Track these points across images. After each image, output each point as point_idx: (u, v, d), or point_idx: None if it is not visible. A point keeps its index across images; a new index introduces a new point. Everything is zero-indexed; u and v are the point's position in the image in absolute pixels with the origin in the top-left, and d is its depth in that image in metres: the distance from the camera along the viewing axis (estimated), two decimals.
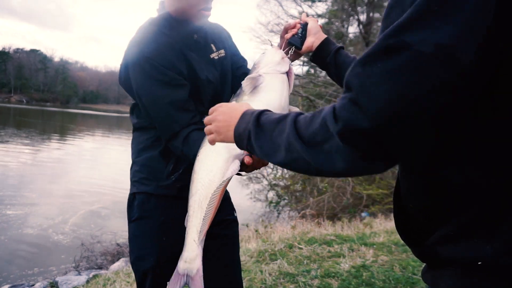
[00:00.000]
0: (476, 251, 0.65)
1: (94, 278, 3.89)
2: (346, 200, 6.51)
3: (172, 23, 1.31)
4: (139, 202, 1.38)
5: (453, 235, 0.69)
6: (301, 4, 13.81)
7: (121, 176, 11.11)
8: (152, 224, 1.36)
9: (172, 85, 1.24)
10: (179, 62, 1.27)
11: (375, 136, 0.59)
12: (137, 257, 1.39)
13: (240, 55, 1.54)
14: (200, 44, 1.36)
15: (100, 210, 8.13)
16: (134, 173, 1.41)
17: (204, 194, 1.12)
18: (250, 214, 7.77)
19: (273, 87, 1.15)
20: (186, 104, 1.26)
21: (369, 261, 3.10)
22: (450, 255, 0.69)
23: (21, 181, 10.05)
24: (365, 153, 0.61)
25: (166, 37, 1.27)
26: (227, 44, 1.48)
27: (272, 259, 3.19)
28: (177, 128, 1.25)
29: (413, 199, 0.76)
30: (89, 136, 24.86)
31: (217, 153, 1.11)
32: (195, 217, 1.13)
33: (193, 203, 1.14)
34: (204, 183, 1.12)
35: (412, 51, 0.55)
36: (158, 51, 1.23)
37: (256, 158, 1.10)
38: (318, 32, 1.29)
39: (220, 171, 1.10)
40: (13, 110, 48.65)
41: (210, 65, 1.36)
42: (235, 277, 1.48)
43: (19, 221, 7.13)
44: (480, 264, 0.64)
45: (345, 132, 0.61)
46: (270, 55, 1.22)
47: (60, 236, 6.62)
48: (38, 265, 5.45)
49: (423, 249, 0.75)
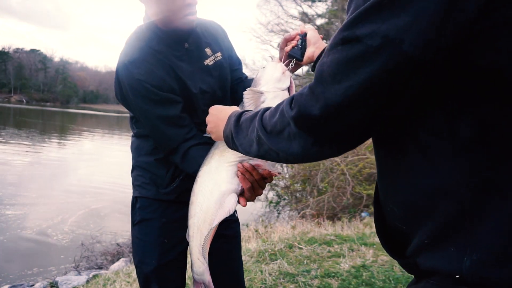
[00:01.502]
0: (453, 263, 0.62)
1: (94, 278, 3.89)
2: (346, 200, 6.50)
3: (159, 36, 1.27)
4: (141, 206, 1.40)
5: (428, 243, 0.66)
6: (301, 4, 13.82)
7: (121, 176, 11.11)
8: (153, 226, 1.38)
9: (164, 103, 1.24)
10: (170, 78, 1.25)
11: (323, 123, 0.63)
12: (140, 260, 1.40)
13: (235, 56, 1.50)
14: (193, 52, 1.32)
15: (100, 210, 8.12)
16: (136, 177, 1.43)
17: (202, 218, 1.14)
18: (250, 214, 7.76)
19: None
20: (180, 120, 1.26)
21: (369, 261, 3.10)
22: (429, 266, 0.67)
23: (21, 181, 10.05)
24: (316, 138, 0.65)
25: (155, 53, 1.25)
26: (224, 45, 1.43)
27: (272, 259, 3.19)
28: (173, 144, 1.26)
29: (389, 201, 0.74)
30: (89, 136, 24.85)
31: (215, 183, 1.13)
32: (195, 238, 1.17)
33: (192, 225, 1.17)
34: (202, 207, 1.15)
35: (361, 43, 0.57)
36: (148, 71, 1.22)
37: (250, 195, 1.13)
38: (318, 41, 1.26)
39: (217, 203, 1.13)
40: (13, 110, 48.65)
41: (204, 73, 1.33)
42: (237, 277, 1.49)
43: (18, 221, 7.13)
44: (458, 277, 0.62)
45: (298, 117, 0.66)
46: (271, 71, 1.20)
47: (60, 236, 6.61)
48: (37, 265, 5.44)
49: (405, 260, 0.73)
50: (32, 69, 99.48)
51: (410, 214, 0.69)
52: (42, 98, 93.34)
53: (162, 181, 1.36)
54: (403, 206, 0.70)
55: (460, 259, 0.62)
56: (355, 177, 6.63)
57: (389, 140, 0.70)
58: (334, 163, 6.83)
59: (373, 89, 0.58)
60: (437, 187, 0.63)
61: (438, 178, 0.62)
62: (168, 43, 1.27)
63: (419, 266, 0.69)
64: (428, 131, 0.62)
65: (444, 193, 0.62)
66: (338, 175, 6.69)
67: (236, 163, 1.12)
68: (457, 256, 0.62)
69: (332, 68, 0.61)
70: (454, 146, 0.60)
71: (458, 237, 0.62)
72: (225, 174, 1.12)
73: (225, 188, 1.13)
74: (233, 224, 1.49)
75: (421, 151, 0.64)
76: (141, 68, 1.21)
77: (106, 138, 24.82)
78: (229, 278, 1.47)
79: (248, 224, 5.82)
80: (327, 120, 0.62)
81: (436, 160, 0.62)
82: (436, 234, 0.65)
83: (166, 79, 1.24)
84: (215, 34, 1.41)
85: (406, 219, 0.70)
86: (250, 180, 1.11)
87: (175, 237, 1.38)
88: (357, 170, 6.63)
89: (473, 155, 0.59)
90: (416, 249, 0.69)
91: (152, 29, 1.28)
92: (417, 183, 0.66)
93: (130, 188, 1.47)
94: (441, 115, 0.60)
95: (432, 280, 0.67)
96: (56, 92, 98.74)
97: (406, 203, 0.69)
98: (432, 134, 0.62)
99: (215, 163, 1.15)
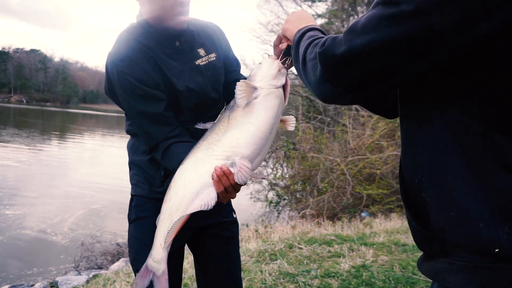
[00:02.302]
0: (488, 237, 0.65)
1: (94, 278, 3.89)
2: (346, 200, 6.50)
3: (149, 31, 1.27)
4: (136, 204, 1.42)
5: (454, 215, 0.69)
6: (301, 4, 13.81)
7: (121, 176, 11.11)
8: (147, 224, 1.38)
9: (146, 98, 1.23)
10: (155, 73, 1.25)
11: (341, 64, 0.71)
12: (134, 258, 1.41)
13: (233, 57, 1.48)
14: (184, 50, 1.31)
15: (100, 210, 8.12)
16: (132, 176, 1.45)
17: (176, 205, 1.12)
18: (250, 214, 7.76)
19: (268, 105, 1.14)
20: (162, 118, 1.25)
21: (369, 261, 3.10)
22: (459, 241, 0.69)
23: (21, 181, 10.05)
24: (330, 75, 0.73)
25: (142, 48, 1.24)
26: (220, 46, 1.42)
27: (272, 259, 3.19)
28: (153, 141, 1.26)
29: (418, 172, 0.77)
30: (89, 136, 24.84)
31: (197, 173, 1.11)
32: (164, 223, 1.14)
33: (165, 210, 1.15)
34: (178, 194, 1.13)
35: (397, 7, 0.64)
36: (132, 64, 1.22)
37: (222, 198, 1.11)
38: None
39: (194, 190, 1.11)
40: (13, 110, 48.64)
41: (195, 72, 1.32)
42: (235, 277, 1.49)
43: (17, 221, 7.13)
44: (497, 251, 0.64)
45: (322, 53, 0.74)
46: (266, 68, 1.19)
47: (59, 236, 6.61)
48: (37, 265, 5.44)
49: (430, 234, 0.75)
50: (32, 69, 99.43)
51: (439, 186, 0.72)
52: (42, 98, 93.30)
53: (154, 180, 1.37)
54: (430, 178, 0.74)
55: (494, 233, 0.65)
56: (355, 177, 6.63)
57: (418, 114, 0.76)
58: (334, 163, 6.83)
59: (392, 48, 0.65)
60: (464, 163, 0.68)
61: (465, 154, 0.68)
62: (158, 40, 1.28)
63: (446, 242, 0.72)
64: (459, 109, 0.68)
65: (470, 170, 0.67)
66: (338, 175, 6.69)
67: (222, 158, 1.10)
68: (489, 230, 0.65)
69: (366, 21, 0.68)
70: (483, 127, 0.66)
71: (485, 212, 0.65)
72: (208, 167, 1.10)
73: (207, 180, 1.10)
74: (231, 225, 1.49)
75: (450, 129, 0.69)
76: (125, 60, 1.22)
77: (106, 138, 24.82)
78: (227, 278, 1.47)
79: (248, 224, 5.81)
80: (345, 62, 0.70)
81: (464, 138, 0.68)
82: (463, 207, 0.68)
83: (151, 74, 1.24)
84: (211, 35, 1.41)
85: (437, 191, 0.73)
86: (225, 184, 1.09)
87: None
88: (357, 170, 6.62)
89: (500, 137, 0.65)
90: (443, 224, 0.72)
91: (142, 25, 1.29)
92: (445, 158, 0.70)
93: (129, 188, 1.47)
94: (474, 96, 0.66)
95: (457, 259, 0.70)
96: (56, 92, 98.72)
97: (434, 176, 0.73)
98: (463, 113, 0.68)
99: (201, 154, 1.13)
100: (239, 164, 1.08)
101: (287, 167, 8.57)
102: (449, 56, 0.64)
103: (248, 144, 1.10)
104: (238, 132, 1.11)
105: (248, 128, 1.10)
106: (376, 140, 6.85)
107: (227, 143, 1.11)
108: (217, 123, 1.16)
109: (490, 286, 0.66)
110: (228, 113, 1.15)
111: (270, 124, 1.13)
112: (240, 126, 1.11)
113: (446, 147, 0.70)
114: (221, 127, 1.13)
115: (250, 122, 1.11)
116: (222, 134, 1.12)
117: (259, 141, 1.11)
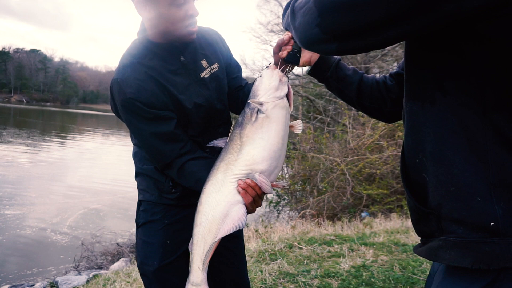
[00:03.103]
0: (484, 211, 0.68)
1: (94, 278, 3.89)
2: (346, 200, 6.50)
3: (153, 50, 1.26)
4: (144, 209, 1.43)
5: (453, 191, 0.72)
6: None
7: (120, 176, 11.11)
8: (156, 228, 1.40)
9: (157, 120, 1.23)
10: (163, 94, 1.24)
11: (334, 9, 0.70)
12: (142, 261, 1.41)
13: (234, 62, 1.47)
14: (188, 65, 1.30)
15: (100, 210, 8.12)
16: (140, 182, 1.45)
17: (207, 228, 1.16)
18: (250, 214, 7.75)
19: (276, 117, 1.16)
20: (174, 135, 1.26)
21: (369, 261, 3.10)
22: (455, 216, 0.72)
23: (20, 181, 10.05)
24: (321, 19, 0.73)
25: (147, 70, 1.23)
26: (221, 54, 1.41)
27: (272, 259, 3.19)
28: (167, 160, 1.27)
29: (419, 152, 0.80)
30: (89, 136, 24.84)
31: (221, 194, 1.16)
32: (198, 246, 1.17)
33: (197, 233, 1.18)
34: (208, 217, 1.16)
35: None
36: (140, 89, 1.21)
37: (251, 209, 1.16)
38: None
39: (223, 211, 1.15)
40: (13, 110, 48.64)
41: (200, 86, 1.32)
42: (242, 273, 1.52)
43: (17, 221, 7.13)
44: (493, 225, 0.67)
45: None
46: (267, 80, 1.19)
47: (59, 236, 6.61)
48: (37, 265, 5.44)
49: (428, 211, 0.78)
50: (32, 69, 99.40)
51: (440, 163, 0.75)
52: (42, 98, 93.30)
53: (163, 186, 1.38)
54: (431, 157, 0.76)
55: (490, 208, 0.68)
56: (355, 177, 6.62)
57: (422, 95, 0.78)
58: (334, 163, 6.83)
59: (385, 2, 0.65)
60: (465, 141, 0.71)
61: (466, 133, 0.70)
62: (162, 57, 1.26)
63: (442, 218, 0.75)
64: (461, 90, 0.70)
65: (470, 147, 0.70)
66: (338, 175, 6.69)
67: (241, 177, 1.14)
68: (485, 205, 0.68)
69: None
70: (484, 107, 0.68)
71: (483, 187, 0.68)
72: (231, 186, 1.15)
73: (233, 199, 1.15)
74: None
75: (452, 108, 0.72)
76: (133, 86, 1.21)
77: (106, 138, 24.82)
78: (235, 276, 1.50)
79: (248, 224, 5.81)
80: (340, 7, 0.69)
81: (465, 117, 0.70)
82: (462, 182, 0.71)
83: (159, 96, 1.23)
84: (212, 44, 1.39)
85: (437, 168, 0.75)
86: (252, 195, 1.14)
87: (177, 238, 1.40)
88: (357, 170, 6.62)
89: (499, 116, 0.68)
90: (440, 200, 0.75)
91: (145, 45, 1.26)
92: (447, 136, 0.73)
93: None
94: (474, 77, 0.68)
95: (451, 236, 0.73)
96: (56, 92, 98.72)
97: (436, 154, 0.75)
98: (465, 94, 0.70)
99: (221, 175, 1.16)
100: (259, 180, 1.13)
101: (287, 167, 8.56)
102: (437, 24, 0.65)
103: (264, 159, 1.14)
104: (252, 149, 1.14)
105: (260, 144, 1.14)
106: (376, 140, 6.85)
107: (244, 161, 1.14)
108: (229, 142, 1.19)
109: (483, 260, 0.68)
110: (239, 131, 1.17)
111: (281, 135, 1.16)
112: (253, 143, 1.14)
113: (448, 126, 0.73)
114: (234, 147, 1.17)
115: (261, 138, 1.14)
116: (237, 154, 1.16)
117: (273, 154, 1.15)
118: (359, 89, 1.20)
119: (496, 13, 0.63)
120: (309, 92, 11.80)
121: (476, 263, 0.69)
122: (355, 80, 1.20)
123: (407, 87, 0.84)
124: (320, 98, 11.77)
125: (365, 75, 1.23)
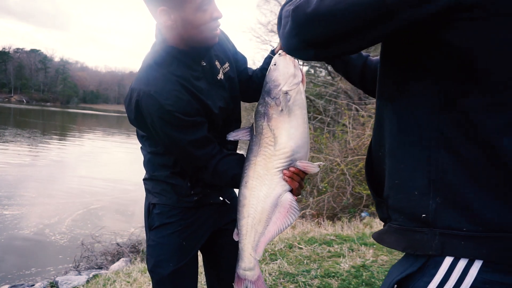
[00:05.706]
0: (418, 204, 0.78)
1: (94, 278, 3.89)
2: (346, 200, 6.50)
3: (178, 58, 1.24)
4: (160, 212, 1.41)
5: (398, 183, 0.82)
6: None
7: (120, 176, 11.11)
8: (172, 230, 1.40)
9: (193, 127, 1.25)
10: (195, 101, 1.25)
11: (308, 22, 0.77)
12: (154, 264, 1.40)
13: (240, 56, 1.49)
14: (207, 69, 1.31)
15: (99, 210, 8.12)
16: (154, 186, 1.43)
17: (257, 218, 1.22)
18: None
19: (299, 103, 1.19)
20: (207, 139, 1.28)
21: (369, 261, 3.10)
22: (396, 206, 0.83)
23: (20, 181, 10.05)
24: (298, 31, 0.80)
25: (178, 80, 1.23)
26: (229, 50, 1.42)
27: (272, 259, 3.19)
28: (202, 163, 1.29)
29: (382, 146, 0.88)
30: (89, 136, 24.84)
31: (268, 187, 1.21)
32: (249, 236, 1.24)
33: (245, 224, 1.24)
34: (257, 209, 1.22)
35: None
36: (177, 100, 1.20)
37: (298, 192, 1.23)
38: None
39: (273, 204, 1.21)
40: (14, 110, 48.66)
41: (219, 89, 1.34)
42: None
43: (16, 221, 7.13)
44: (424, 216, 0.77)
45: (295, 10, 0.80)
46: (285, 68, 1.19)
47: (58, 236, 6.62)
48: (37, 265, 5.45)
49: (380, 200, 0.88)
50: (32, 69, 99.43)
51: (392, 157, 0.84)
52: (42, 98, 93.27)
53: (181, 190, 1.38)
54: (388, 151, 0.85)
55: (425, 202, 0.77)
56: (355, 177, 6.62)
57: (386, 93, 0.86)
58: (334, 163, 6.83)
59: (352, 13, 0.72)
60: (416, 139, 0.78)
61: (419, 131, 0.78)
62: (187, 64, 1.26)
63: (389, 207, 0.85)
64: (416, 91, 0.78)
65: (420, 145, 0.77)
66: (338, 175, 6.69)
67: (284, 167, 1.18)
68: (421, 199, 0.77)
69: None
70: (432, 109, 0.75)
71: (422, 182, 0.77)
72: (276, 178, 1.20)
73: (281, 189, 1.20)
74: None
75: (408, 107, 0.79)
76: (170, 98, 1.19)
77: (106, 137, 24.82)
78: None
79: None
80: (312, 20, 0.77)
81: (419, 117, 0.78)
82: (405, 177, 0.80)
83: (192, 103, 1.24)
84: (220, 43, 1.38)
85: (389, 162, 0.85)
86: (297, 180, 1.19)
87: (192, 239, 1.42)
88: (357, 170, 6.62)
89: (444, 117, 0.74)
90: (389, 190, 0.85)
91: (168, 51, 1.25)
92: (400, 133, 0.81)
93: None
94: (427, 79, 0.76)
95: (394, 223, 0.84)
96: (56, 92, 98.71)
97: (390, 148, 0.84)
98: (418, 95, 0.78)
99: (262, 170, 1.20)
100: (302, 166, 1.18)
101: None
102: (400, 29, 0.72)
103: (299, 146, 1.18)
104: (287, 139, 1.17)
105: (295, 134, 1.18)
106: None
107: (283, 154, 1.18)
108: (258, 135, 1.20)
109: (413, 246, 0.80)
110: (266, 123, 1.19)
111: (306, 119, 1.21)
112: (287, 134, 1.17)
113: (402, 124, 0.81)
114: (267, 140, 1.19)
115: (292, 126, 1.18)
116: (273, 147, 1.18)
117: (305, 140, 1.20)
118: (362, 72, 1.24)
119: (448, 18, 0.69)
120: (309, 92, 11.80)
121: (406, 248, 0.81)
122: (359, 64, 1.24)
123: (377, 84, 0.92)
124: (320, 98, 11.78)
125: (370, 58, 1.25)
